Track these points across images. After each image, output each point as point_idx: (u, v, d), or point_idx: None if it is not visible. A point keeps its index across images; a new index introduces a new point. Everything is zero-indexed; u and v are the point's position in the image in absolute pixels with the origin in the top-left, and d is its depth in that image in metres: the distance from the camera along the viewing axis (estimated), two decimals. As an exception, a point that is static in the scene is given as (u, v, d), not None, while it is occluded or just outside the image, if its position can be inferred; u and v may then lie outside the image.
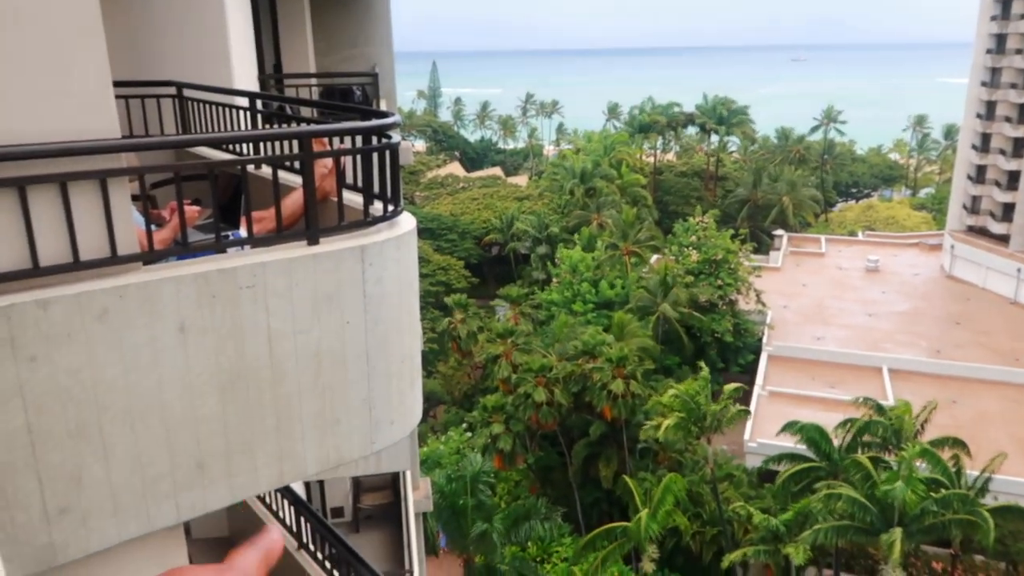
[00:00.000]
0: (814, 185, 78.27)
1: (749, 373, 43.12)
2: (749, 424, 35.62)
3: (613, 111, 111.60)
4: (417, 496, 13.73)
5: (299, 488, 9.18)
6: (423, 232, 62.13)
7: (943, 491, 25.79)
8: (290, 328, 3.74)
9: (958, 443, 28.32)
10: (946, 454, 27.87)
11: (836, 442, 29.35)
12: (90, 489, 3.33)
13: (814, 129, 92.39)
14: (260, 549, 1.23)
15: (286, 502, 7.82)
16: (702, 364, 34.93)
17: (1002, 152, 55.74)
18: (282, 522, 7.92)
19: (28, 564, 3.20)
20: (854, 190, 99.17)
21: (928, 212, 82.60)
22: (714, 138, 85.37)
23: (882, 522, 25.27)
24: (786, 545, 27.00)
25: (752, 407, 36.40)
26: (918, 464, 26.37)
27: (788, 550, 26.57)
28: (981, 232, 56.60)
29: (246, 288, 3.57)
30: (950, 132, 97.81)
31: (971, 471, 27.78)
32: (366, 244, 3.92)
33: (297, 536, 7.65)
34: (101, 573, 3.54)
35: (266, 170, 5.03)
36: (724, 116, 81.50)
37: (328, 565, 7.29)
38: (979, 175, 57.51)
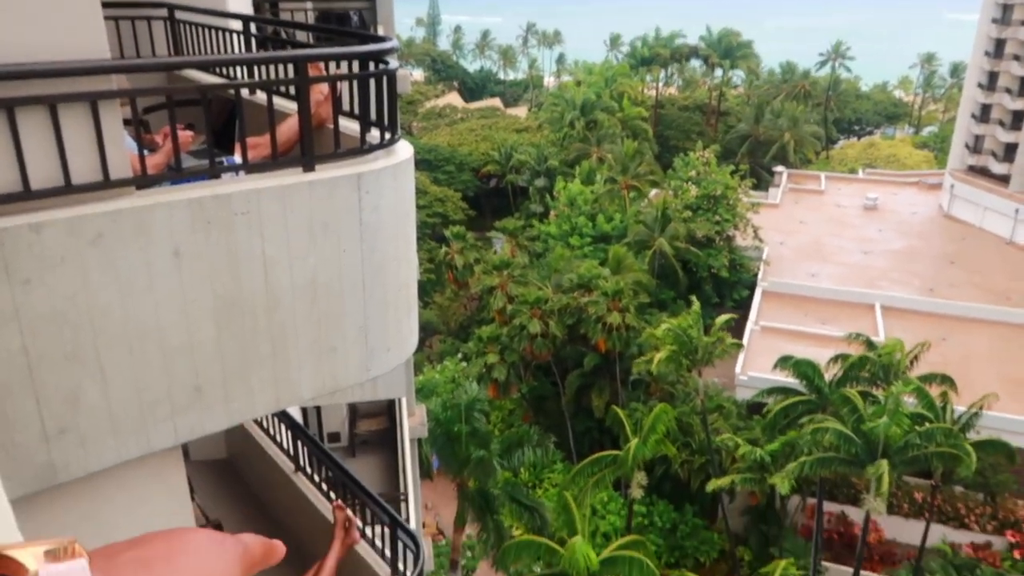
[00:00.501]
0: (816, 121, 77.26)
1: (744, 308, 43.32)
2: (741, 358, 35.99)
3: (615, 42, 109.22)
4: (412, 422, 13.95)
5: (296, 413, 9.31)
6: (420, 163, 61.46)
7: (928, 424, 26.28)
8: (285, 255, 3.73)
9: (946, 379, 28.75)
10: (934, 390, 28.31)
11: (827, 377, 29.78)
12: (88, 411, 3.37)
13: (821, 64, 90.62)
14: (266, 543, 1.30)
15: (283, 426, 7.95)
16: (694, 298, 35.06)
17: (1008, 91, 54.90)
18: (279, 446, 8.07)
19: (28, 482, 3.27)
20: (856, 127, 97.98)
21: (930, 151, 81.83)
22: (718, 72, 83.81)
23: (867, 454, 25.80)
24: (772, 475, 27.63)
25: (745, 341, 36.74)
26: (906, 399, 26.78)
27: (774, 480, 27.20)
28: (982, 172, 56.17)
29: (241, 214, 3.55)
30: (957, 70, 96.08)
31: (959, 407, 28.26)
32: (363, 172, 3.88)
33: (294, 460, 7.79)
34: (101, 490, 3.62)
35: (261, 96, 4.95)
36: (730, 48, 79.78)
37: (324, 487, 7.45)
38: (983, 114, 56.77)
